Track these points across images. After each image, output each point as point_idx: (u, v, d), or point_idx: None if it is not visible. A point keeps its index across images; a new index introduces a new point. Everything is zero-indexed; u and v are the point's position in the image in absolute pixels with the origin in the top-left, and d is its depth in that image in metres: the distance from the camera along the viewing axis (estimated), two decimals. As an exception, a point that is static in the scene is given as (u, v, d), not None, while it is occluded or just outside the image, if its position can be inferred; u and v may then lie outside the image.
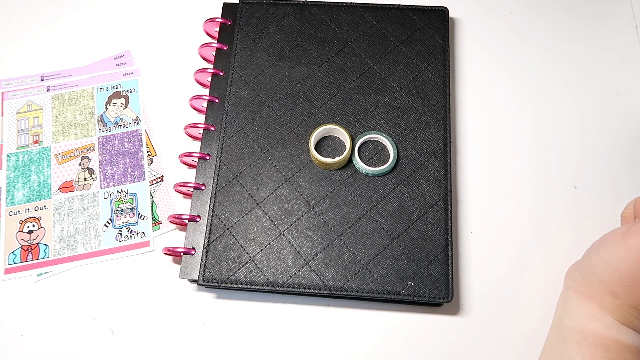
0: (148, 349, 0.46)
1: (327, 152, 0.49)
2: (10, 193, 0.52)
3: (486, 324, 0.45)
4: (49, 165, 0.52)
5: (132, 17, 0.59)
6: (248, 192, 0.48)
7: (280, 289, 0.44)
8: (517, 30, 0.56)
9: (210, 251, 0.46)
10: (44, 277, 0.48)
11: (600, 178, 0.50)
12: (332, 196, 0.47)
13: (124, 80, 0.56)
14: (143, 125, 0.54)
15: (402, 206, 0.47)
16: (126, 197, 0.51)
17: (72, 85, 0.56)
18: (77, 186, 0.52)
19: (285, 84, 0.51)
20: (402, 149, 0.48)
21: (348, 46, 0.53)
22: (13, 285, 0.48)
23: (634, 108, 0.53)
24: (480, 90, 0.54)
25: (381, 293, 0.44)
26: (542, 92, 0.53)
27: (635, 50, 0.55)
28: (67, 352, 0.46)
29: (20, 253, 0.49)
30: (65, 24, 0.59)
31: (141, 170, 0.52)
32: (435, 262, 0.45)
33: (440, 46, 0.52)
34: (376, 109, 0.50)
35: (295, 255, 0.45)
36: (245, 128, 0.50)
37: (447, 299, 0.44)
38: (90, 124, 0.54)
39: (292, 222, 0.46)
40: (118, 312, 0.47)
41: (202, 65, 0.55)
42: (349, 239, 0.46)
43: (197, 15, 0.58)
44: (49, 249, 0.49)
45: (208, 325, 0.46)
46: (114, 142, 0.53)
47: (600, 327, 0.39)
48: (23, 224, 0.50)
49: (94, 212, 0.50)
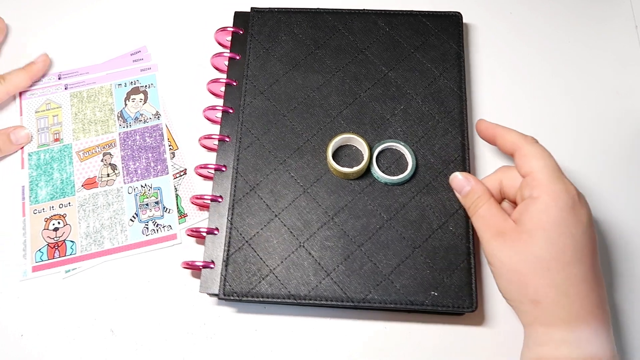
0: (148, 349, 0.46)
1: (344, 162, 0.48)
2: (33, 191, 0.51)
3: (511, 334, 0.44)
4: (71, 162, 0.52)
5: (147, 13, 0.59)
6: (266, 204, 0.47)
7: (302, 301, 0.44)
8: (529, 34, 0.56)
9: (230, 264, 0.45)
10: (72, 273, 0.48)
11: (600, 178, 0.50)
12: (351, 206, 0.47)
13: (142, 76, 0.56)
14: (163, 120, 0.54)
15: (422, 215, 0.46)
16: (150, 191, 0.51)
17: (89, 82, 0.56)
18: (101, 182, 0.51)
19: (300, 93, 0.51)
20: (420, 156, 0.48)
21: (362, 53, 0.52)
22: (42, 283, 0.48)
23: (634, 108, 0.53)
24: (495, 95, 0.53)
25: (404, 304, 0.43)
26: (557, 94, 0.53)
27: (635, 50, 0.55)
28: (67, 352, 0.46)
29: (47, 250, 0.49)
30: (79, 22, 0.59)
31: (164, 164, 0.52)
32: (458, 271, 0.44)
33: (455, 52, 0.52)
34: (393, 116, 0.50)
35: (316, 267, 0.45)
36: (261, 138, 0.49)
37: (471, 308, 0.43)
38: (111, 120, 0.54)
39: (312, 233, 0.46)
40: (118, 312, 0.47)
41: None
42: (369, 250, 0.45)
43: (212, 13, 0.58)
44: (75, 245, 0.49)
45: (208, 325, 0.46)
46: (135, 137, 0.53)
47: (554, 351, 0.37)
48: (48, 222, 0.50)
49: (119, 207, 0.50)
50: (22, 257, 0.49)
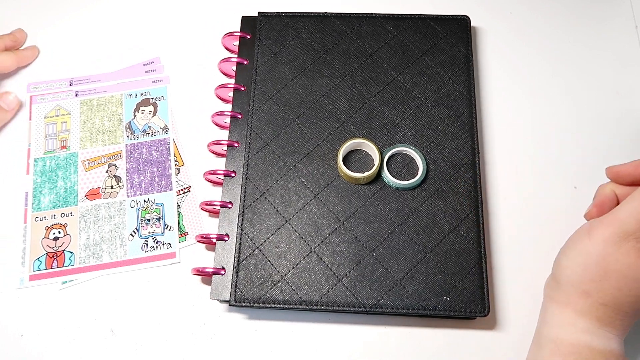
0: (148, 349, 0.46)
1: (354, 166, 0.48)
2: (37, 198, 0.51)
3: (523, 338, 0.44)
4: (76, 171, 0.52)
5: (161, 24, 0.58)
6: (276, 209, 0.47)
7: (314, 307, 0.44)
8: (529, 34, 0.56)
9: (241, 270, 0.45)
10: (68, 285, 0.48)
11: (600, 178, 0.49)
12: (362, 211, 0.46)
13: (153, 88, 0.55)
14: (171, 134, 0.53)
15: (433, 219, 0.46)
16: (153, 206, 0.50)
17: (100, 90, 0.55)
18: (104, 194, 0.51)
19: (309, 98, 0.51)
20: (430, 161, 0.48)
21: (371, 57, 0.52)
22: (38, 293, 0.48)
23: (634, 108, 0.53)
24: (505, 98, 0.53)
25: (417, 309, 0.43)
26: (557, 94, 0.53)
27: (635, 50, 0.55)
28: (67, 352, 0.46)
29: (46, 260, 0.49)
30: (94, 29, 0.59)
31: (168, 180, 0.51)
32: (470, 276, 0.44)
33: (464, 55, 0.52)
34: (402, 121, 0.49)
35: (328, 272, 0.45)
36: (270, 144, 0.49)
37: (483, 313, 0.43)
38: (118, 131, 0.53)
39: (323, 238, 0.46)
40: (118, 312, 0.47)
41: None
42: (381, 255, 0.45)
43: (222, 24, 0.57)
44: (74, 257, 0.49)
45: (208, 325, 0.46)
46: (141, 150, 0.52)
47: (573, 334, 0.39)
48: (49, 230, 0.50)
49: (120, 221, 0.50)
50: (20, 265, 0.49)
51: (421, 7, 0.56)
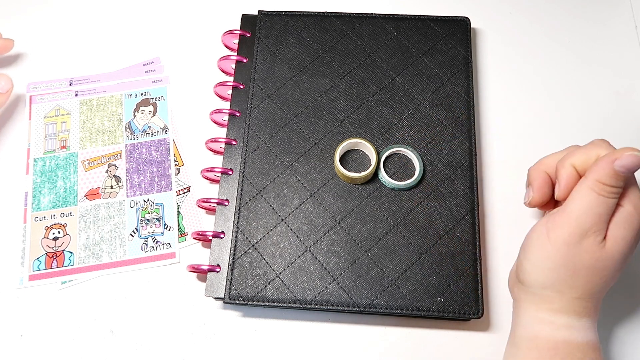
0: (148, 349, 0.46)
1: (351, 166, 0.48)
2: (36, 198, 0.51)
3: (518, 340, 0.44)
4: (76, 171, 0.52)
5: (161, 23, 0.58)
6: (272, 208, 0.47)
7: (308, 306, 0.44)
8: (529, 34, 0.56)
9: (236, 268, 0.45)
10: (68, 285, 0.48)
11: None
12: (358, 211, 0.47)
13: (153, 88, 0.55)
14: (171, 134, 0.53)
15: (429, 221, 0.46)
16: (152, 206, 0.50)
17: (100, 90, 0.55)
18: (104, 194, 0.51)
19: (307, 97, 0.51)
20: (427, 162, 0.48)
21: (370, 58, 0.52)
22: (38, 293, 0.48)
23: (634, 108, 0.53)
24: (503, 100, 0.53)
25: (411, 309, 0.43)
26: (557, 94, 0.53)
27: (635, 50, 0.55)
28: (67, 352, 0.46)
29: (45, 260, 0.49)
30: (94, 29, 0.58)
31: (168, 180, 0.51)
32: (464, 277, 0.44)
33: (463, 57, 0.52)
34: (400, 121, 0.49)
35: (322, 271, 0.45)
36: (267, 142, 0.49)
37: (477, 314, 0.43)
38: (118, 131, 0.53)
39: (318, 237, 0.46)
40: (118, 312, 0.47)
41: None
42: (376, 255, 0.45)
43: (222, 24, 0.57)
44: (74, 257, 0.49)
45: (208, 325, 0.46)
46: (141, 150, 0.52)
47: (551, 331, 0.39)
48: (49, 230, 0.50)
49: (119, 221, 0.50)
50: (19, 265, 0.49)
51: (421, 7, 0.56)
